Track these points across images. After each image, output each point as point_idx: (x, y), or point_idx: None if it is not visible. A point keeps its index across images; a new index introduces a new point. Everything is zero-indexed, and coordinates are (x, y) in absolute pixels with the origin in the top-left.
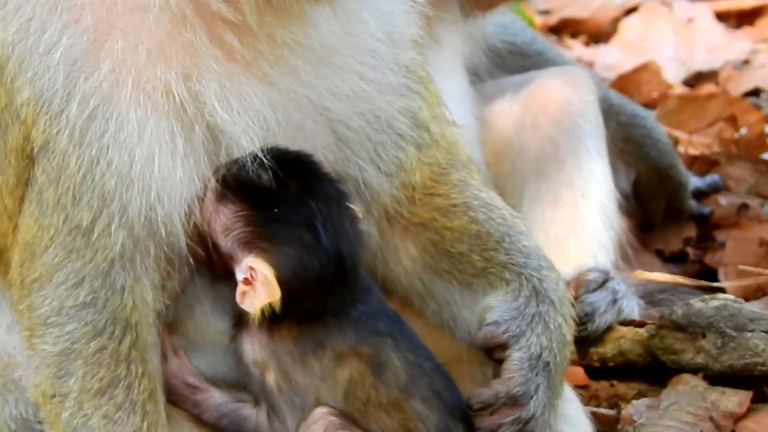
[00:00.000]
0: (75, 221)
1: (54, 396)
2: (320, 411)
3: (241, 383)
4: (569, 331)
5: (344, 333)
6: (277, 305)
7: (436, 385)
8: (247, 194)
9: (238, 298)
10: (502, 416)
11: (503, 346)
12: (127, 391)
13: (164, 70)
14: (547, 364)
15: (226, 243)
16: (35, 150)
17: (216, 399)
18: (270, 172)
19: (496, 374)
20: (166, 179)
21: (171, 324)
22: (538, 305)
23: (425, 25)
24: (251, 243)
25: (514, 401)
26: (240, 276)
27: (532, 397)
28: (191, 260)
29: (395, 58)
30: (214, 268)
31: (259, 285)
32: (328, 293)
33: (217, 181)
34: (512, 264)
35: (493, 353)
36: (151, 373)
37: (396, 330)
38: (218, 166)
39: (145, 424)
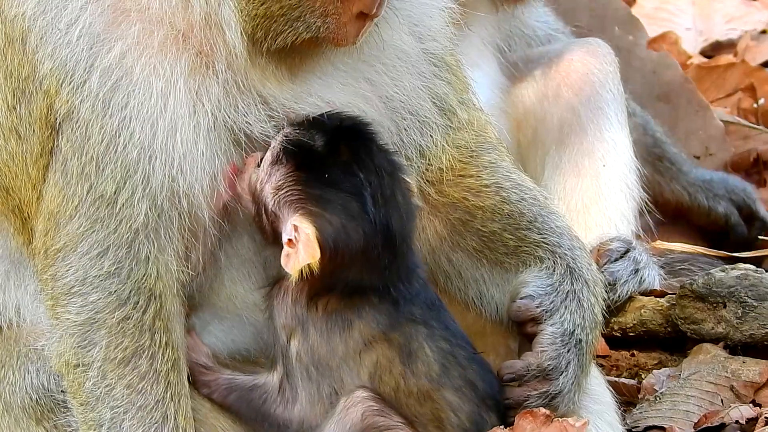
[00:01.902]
0: (99, 191)
1: (77, 365)
2: (359, 394)
3: (263, 357)
4: (600, 312)
5: (378, 316)
6: (316, 267)
7: (470, 375)
8: (299, 156)
9: (282, 261)
10: (531, 388)
11: (536, 320)
12: (151, 361)
13: (185, 47)
14: (579, 341)
15: (274, 203)
16: (59, 120)
17: (225, 378)
18: (325, 137)
19: (523, 349)
20: (188, 152)
21: (200, 294)
22: (572, 283)
23: (456, 17)
24: (298, 203)
25: (545, 375)
26: (285, 237)
27: (562, 373)
28: (216, 231)
29: (423, 48)
30: (264, 233)
31: (300, 245)
32: (372, 267)
33: (274, 142)
34: (546, 243)
35: (525, 326)
36: (174, 343)
37: (432, 317)
38: (279, 128)
39: (169, 393)
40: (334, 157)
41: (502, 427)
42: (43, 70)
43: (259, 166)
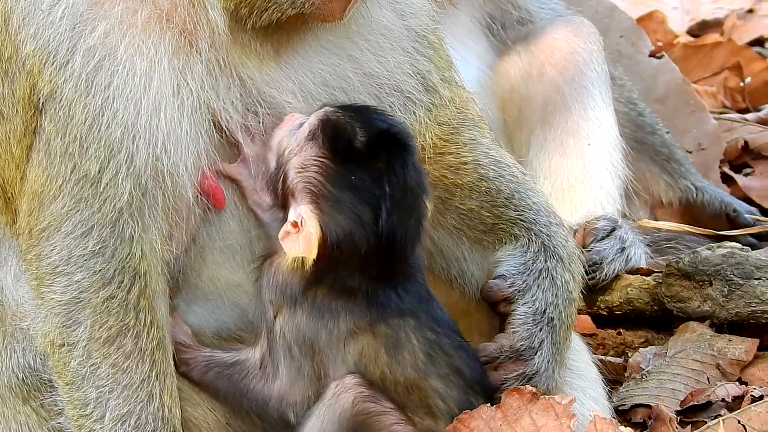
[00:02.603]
0: (83, 171)
1: (63, 345)
2: (350, 380)
3: (247, 336)
4: (576, 288)
5: (367, 310)
6: (309, 264)
7: (456, 362)
8: (335, 144)
9: (280, 234)
10: (507, 371)
11: (509, 300)
12: (136, 340)
13: (169, 27)
14: (552, 320)
15: (294, 179)
16: (42, 100)
17: (204, 355)
18: (368, 136)
19: (502, 328)
20: (172, 131)
21: (183, 274)
22: (546, 261)
23: None
24: (314, 195)
25: (518, 356)
26: (291, 216)
27: (536, 353)
28: (200, 210)
29: (406, 26)
30: (274, 193)
31: (301, 237)
32: (369, 271)
33: (315, 117)
34: (522, 220)
35: (498, 306)
36: (159, 322)
37: (421, 309)
38: (324, 104)
39: (154, 372)
40: (369, 161)
41: (488, 405)
42: (26, 50)
43: (295, 132)
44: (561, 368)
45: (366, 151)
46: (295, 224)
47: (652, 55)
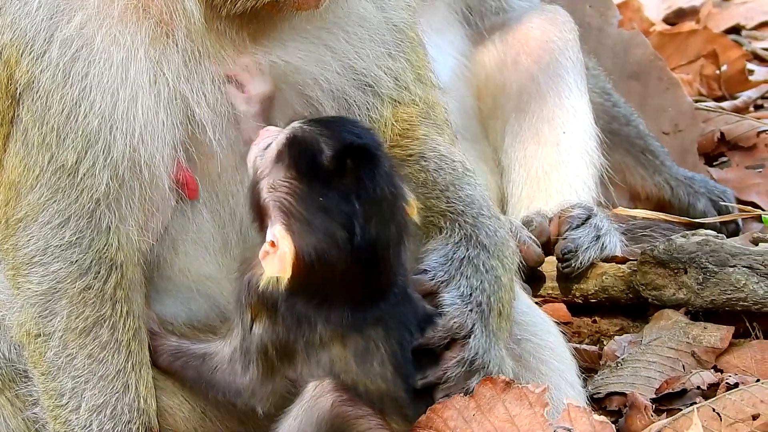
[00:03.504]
0: (60, 161)
1: (39, 335)
2: (329, 384)
3: (220, 326)
4: (506, 275)
5: (343, 321)
6: (285, 282)
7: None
8: (301, 163)
9: (260, 254)
10: (446, 361)
11: (433, 293)
12: (112, 331)
13: (145, 17)
14: (480, 303)
15: (266, 199)
16: (19, 90)
17: (172, 344)
18: (334, 150)
19: None
20: (149, 121)
21: (156, 265)
22: (468, 249)
23: None
24: (285, 216)
25: (452, 338)
26: (268, 236)
27: (470, 334)
28: (173, 201)
29: (385, 18)
30: (252, 211)
31: (276, 258)
32: (347, 288)
33: (282, 136)
34: (450, 212)
35: (426, 300)
36: (135, 312)
37: (395, 315)
38: (292, 118)
39: (130, 363)
40: (337, 178)
41: (462, 395)
42: (3, 40)
43: (263, 152)
44: (502, 353)
45: (333, 168)
46: (272, 244)
47: (621, 25)
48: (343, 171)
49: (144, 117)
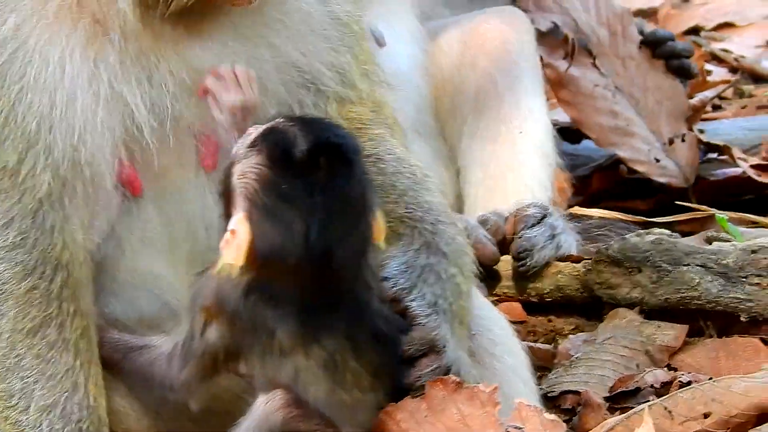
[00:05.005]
0: (1, 162)
1: None
2: (280, 399)
3: (164, 328)
4: (465, 283)
5: (301, 329)
6: (236, 272)
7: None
8: (275, 153)
9: (222, 243)
10: (421, 368)
11: (396, 300)
12: (60, 330)
13: (80, 16)
14: (445, 311)
15: (235, 186)
16: None
17: (112, 337)
18: (309, 145)
19: None
20: (88, 121)
21: (103, 264)
22: (428, 257)
23: None
24: (249, 203)
25: (431, 348)
26: (230, 224)
27: (447, 343)
28: (118, 200)
29: (328, 11)
30: (221, 195)
31: (234, 245)
32: (303, 288)
33: (265, 127)
34: (409, 218)
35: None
36: (83, 311)
37: (358, 324)
38: (274, 114)
39: (78, 362)
40: (308, 172)
41: (412, 397)
42: None
43: (243, 140)
44: (464, 359)
45: (305, 162)
46: (233, 232)
47: None
48: (315, 167)
49: (83, 117)
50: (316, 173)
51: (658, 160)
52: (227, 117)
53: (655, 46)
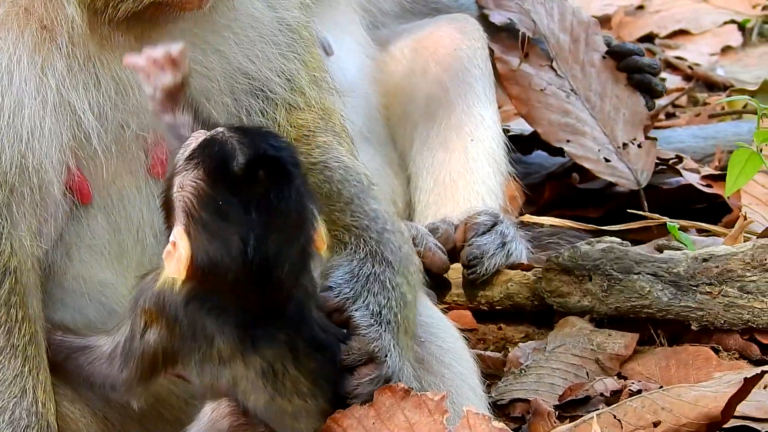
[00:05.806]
0: None
1: None
2: (226, 407)
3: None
4: (411, 292)
5: (239, 339)
6: (178, 286)
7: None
8: (211, 166)
9: (164, 253)
10: (360, 376)
11: (340, 310)
12: (8, 336)
13: (27, 22)
14: (389, 321)
15: (174, 198)
16: None
17: (55, 338)
18: (247, 158)
19: None
20: (36, 128)
21: (51, 271)
22: (373, 266)
23: None
24: (186, 217)
25: (371, 358)
26: (171, 236)
27: (387, 354)
28: (67, 207)
29: (278, 18)
30: (162, 207)
31: (174, 258)
32: (241, 301)
33: (196, 138)
34: (355, 227)
35: (332, 317)
36: (31, 317)
37: (296, 333)
38: (216, 125)
39: (27, 368)
40: (245, 186)
41: (360, 404)
42: None
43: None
44: (407, 371)
45: (242, 176)
46: (173, 244)
47: None
48: (253, 181)
49: (30, 123)
50: (254, 188)
51: (608, 161)
52: (159, 95)
53: (620, 59)
